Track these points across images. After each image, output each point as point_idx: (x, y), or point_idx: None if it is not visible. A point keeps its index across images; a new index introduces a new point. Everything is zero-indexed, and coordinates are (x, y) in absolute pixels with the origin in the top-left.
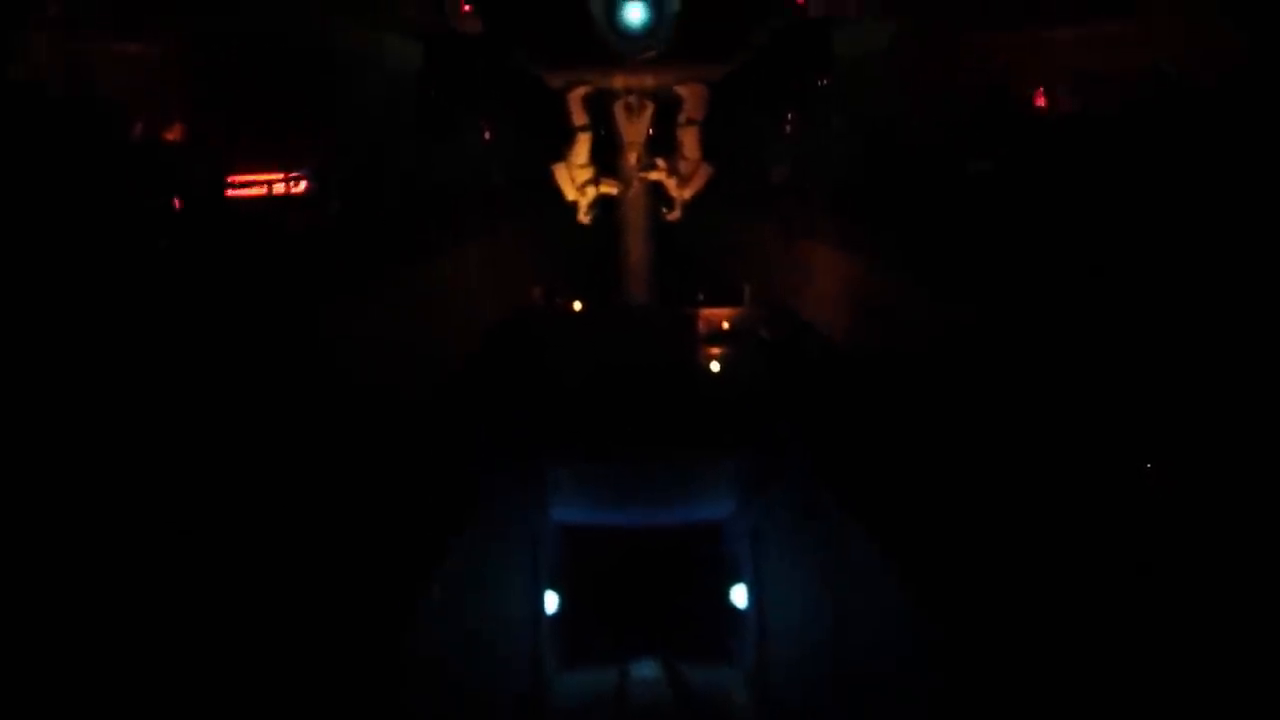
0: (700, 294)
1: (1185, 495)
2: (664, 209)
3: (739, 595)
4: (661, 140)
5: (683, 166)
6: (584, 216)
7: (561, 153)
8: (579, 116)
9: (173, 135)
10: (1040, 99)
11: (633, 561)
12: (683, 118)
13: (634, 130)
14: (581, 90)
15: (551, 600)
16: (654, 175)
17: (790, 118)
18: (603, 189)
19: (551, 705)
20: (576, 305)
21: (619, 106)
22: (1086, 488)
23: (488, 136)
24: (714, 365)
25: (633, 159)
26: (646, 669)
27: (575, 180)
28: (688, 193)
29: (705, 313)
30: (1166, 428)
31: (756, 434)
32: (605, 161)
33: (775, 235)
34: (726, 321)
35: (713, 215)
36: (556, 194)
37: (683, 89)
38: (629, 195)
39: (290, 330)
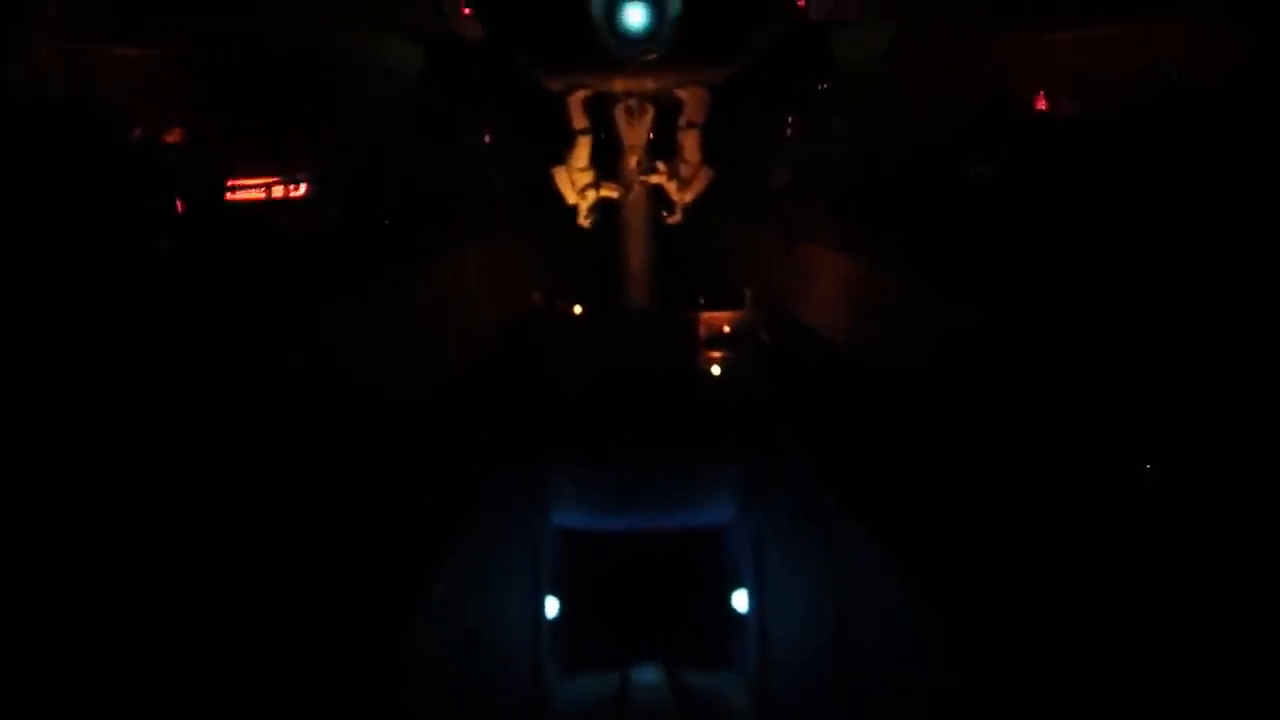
0: (701, 297)
1: (1185, 496)
2: (664, 212)
3: (740, 600)
4: (662, 144)
5: (683, 170)
6: (584, 220)
7: (562, 156)
8: (579, 120)
9: (172, 138)
10: (1041, 102)
11: (633, 566)
12: (683, 121)
13: (634, 134)
14: (582, 94)
15: (552, 605)
16: (654, 179)
17: (791, 121)
18: (603, 192)
19: (552, 710)
20: (577, 309)
21: (619, 110)
22: (1087, 489)
23: (488, 140)
24: (715, 369)
25: (633, 162)
26: (647, 674)
27: (576, 184)
28: (688, 196)
29: (706, 316)
30: (1167, 429)
31: (757, 438)
32: (606, 165)
33: (776, 238)
34: (727, 325)
35: (713, 219)
36: (557, 197)
37: (683, 92)
38: (629, 199)
39: (290, 332)
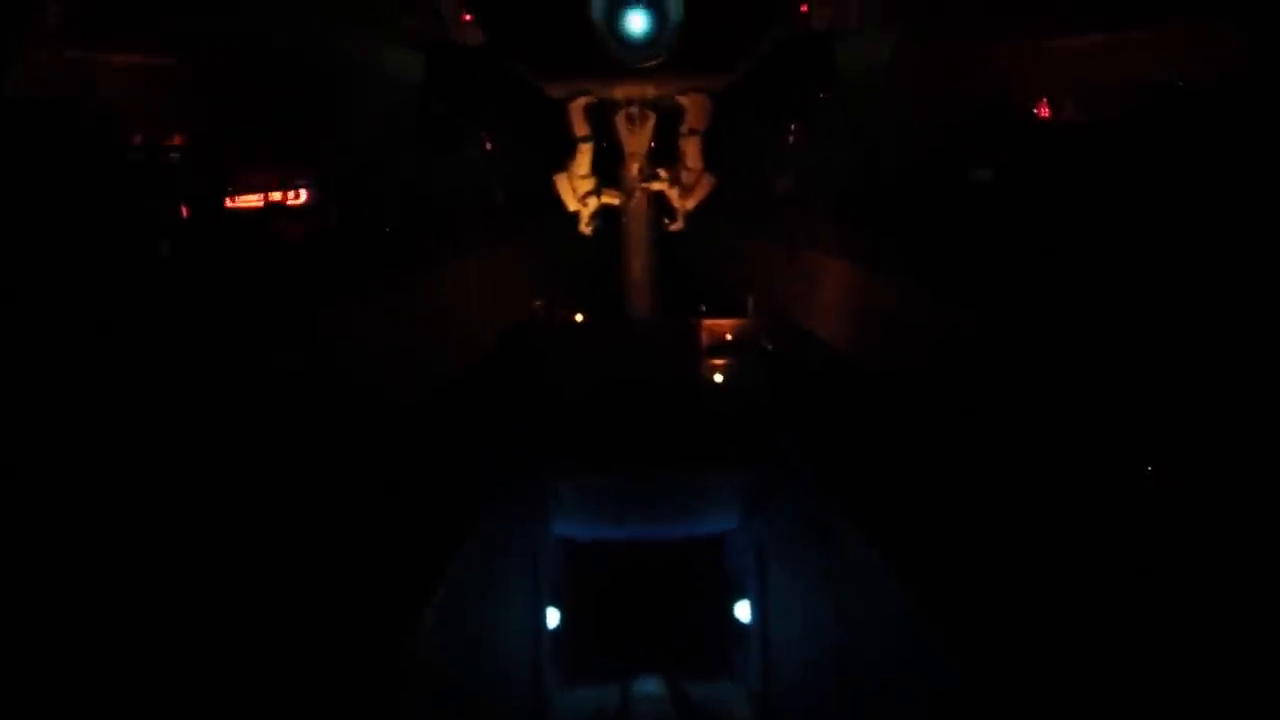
0: (703, 305)
1: (1186, 498)
2: (666, 220)
3: (743, 610)
4: (664, 151)
5: (685, 177)
6: (585, 227)
7: (563, 163)
8: (580, 127)
9: (173, 144)
10: (1044, 109)
11: (635, 576)
12: (685, 128)
13: (636, 141)
14: (583, 100)
15: (552, 616)
16: (656, 186)
17: (793, 128)
18: (604, 200)
19: None
20: (578, 317)
21: (621, 117)
22: (1087, 490)
23: (489, 147)
24: (717, 377)
25: (635, 169)
26: (649, 686)
27: (577, 191)
28: (690, 203)
29: (708, 324)
30: (1167, 431)
31: (760, 446)
32: (607, 172)
33: (778, 245)
34: (729, 333)
35: (716, 226)
36: (557, 205)
37: (685, 99)
38: (631, 206)
39: (290, 336)
